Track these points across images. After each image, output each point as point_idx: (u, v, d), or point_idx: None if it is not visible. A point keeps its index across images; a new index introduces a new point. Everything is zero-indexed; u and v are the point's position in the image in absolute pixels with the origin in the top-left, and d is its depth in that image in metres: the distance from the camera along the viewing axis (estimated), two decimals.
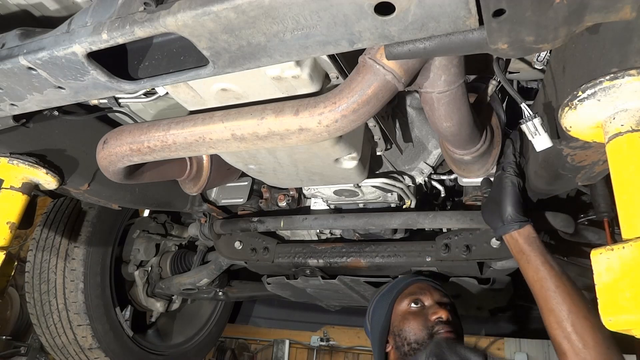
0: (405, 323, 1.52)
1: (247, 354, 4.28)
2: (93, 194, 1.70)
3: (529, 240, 1.28)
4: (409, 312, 1.54)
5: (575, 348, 1.13)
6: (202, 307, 3.24)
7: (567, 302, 1.16)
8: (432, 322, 1.49)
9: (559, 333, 1.16)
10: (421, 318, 1.51)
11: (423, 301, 1.56)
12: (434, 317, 1.49)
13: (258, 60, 0.88)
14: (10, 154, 1.43)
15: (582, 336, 1.13)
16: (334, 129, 0.98)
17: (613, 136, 0.82)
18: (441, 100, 1.05)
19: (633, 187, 0.78)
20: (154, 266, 2.68)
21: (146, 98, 1.47)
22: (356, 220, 1.78)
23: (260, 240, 2.06)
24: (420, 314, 1.53)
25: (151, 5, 0.82)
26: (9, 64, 0.98)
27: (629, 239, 0.75)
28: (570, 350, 1.14)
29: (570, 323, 1.14)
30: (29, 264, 2.35)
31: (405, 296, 1.59)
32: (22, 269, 2.51)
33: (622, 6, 0.70)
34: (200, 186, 1.66)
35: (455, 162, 1.44)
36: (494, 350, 3.62)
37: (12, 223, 1.41)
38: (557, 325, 1.16)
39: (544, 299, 1.20)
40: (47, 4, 1.14)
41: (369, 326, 1.67)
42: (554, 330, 1.17)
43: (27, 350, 3.83)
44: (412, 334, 1.48)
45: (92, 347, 2.33)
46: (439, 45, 0.82)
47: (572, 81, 0.91)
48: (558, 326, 1.16)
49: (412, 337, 1.48)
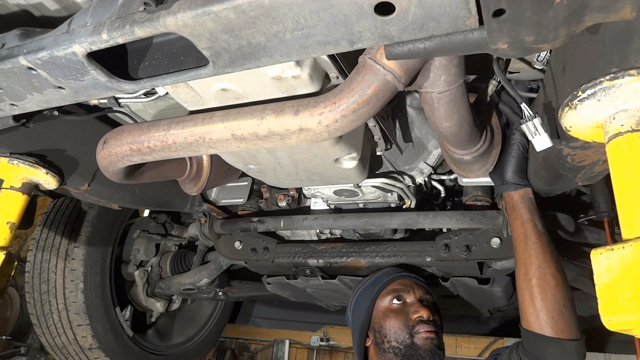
0: (386, 320, 1.55)
1: (247, 354, 4.28)
2: (93, 194, 1.70)
3: (523, 199, 1.34)
4: (390, 310, 1.57)
5: (535, 300, 1.20)
6: (202, 307, 3.24)
7: (540, 258, 1.23)
8: (413, 320, 1.52)
9: (524, 285, 1.23)
10: (402, 316, 1.54)
11: (405, 298, 1.59)
12: (415, 316, 1.52)
13: (258, 60, 0.87)
14: (10, 154, 1.43)
15: (543, 290, 1.19)
16: (334, 129, 0.98)
17: (613, 136, 0.82)
18: (441, 100, 1.05)
19: (633, 187, 0.78)
20: (154, 266, 2.68)
21: (146, 98, 1.47)
22: (356, 220, 1.78)
23: (260, 240, 2.06)
24: (402, 312, 1.55)
25: (151, 5, 0.82)
26: (9, 64, 0.98)
27: (629, 239, 0.75)
28: (529, 301, 1.21)
29: (537, 277, 1.21)
30: (29, 264, 2.35)
31: (387, 292, 1.61)
32: (22, 269, 2.51)
33: (622, 6, 0.70)
34: (200, 186, 1.66)
35: (455, 162, 1.44)
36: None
37: (12, 223, 1.41)
38: (524, 277, 1.23)
39: (520, 252, 1.27)
40: (47, 4, 1.14)
41: (350, 318, 1.69)
42: (521, 281, 1.24)
43: (27, 350, 3.84)
44: (393, 332, 1.51)
45: (92, 347, 2.33)
46: (439, 45, 0.81)
47: (572, 81, 0.91)
48: (524, 278, 1.23)
49: (392, 335, 1.51)
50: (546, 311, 1.17)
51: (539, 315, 1.18)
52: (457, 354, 3.65)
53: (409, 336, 1.49)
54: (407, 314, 1.54)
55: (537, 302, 1.19)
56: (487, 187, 1.73)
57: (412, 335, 1.49)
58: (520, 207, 1.33)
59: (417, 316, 1.52)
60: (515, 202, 1.35)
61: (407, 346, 1.48)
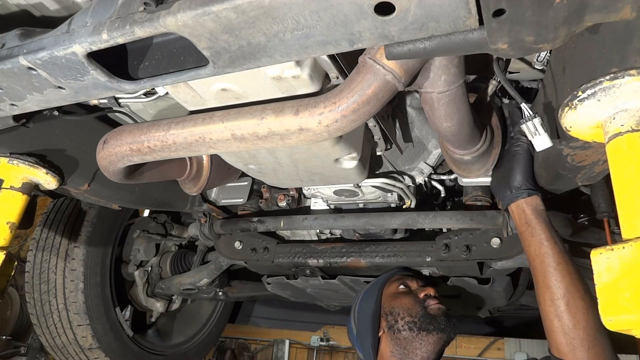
0: (397, 301, 1.60)
1: (247, 354, 4.28)
2: (93, 194, 1.70)
3: (536, 212, 1.23)
4: (398, 292, 1.64)
5: (565, 327, 1.11)
6: (202, 307, 3.24)
7: (566, 280, 1.13)
8: (422, 297, 1.59)
9: (552, 310, 1.14)
10: (411, 295, 1.62)
11: (409, 285, 1.67)
12: (422, 294, 1.60)
13: (258, 60, 0.87)
14: (10, 154, 1.43)
15: (575, 316, 1.10)
16: (334, 129, 0.98)
17: (613, 136, 0.82)
18: (441, 100, 1.05)
19: (633, 187, 0.78)
20: (154, 266, 2.67)
21: (146, 98, 1.47)
22: (356, 220, 1.78)
23: (260, 240, 2.06)
24: (410, 293, 1.63)
25: (151, 5, 0.82)
26: (9, 64, 0.98)
27: (629, 239, 0.75)
28: (559, 329, 1.12)
29: (565, 302, 1.12)
30: (29, 264, 2.35)
31: (392, 282, 1.69)
32: (22, 269, 2.51)
33: (622, 6, 0.70)
34: (200, 186, 1.66)
35: (455, 162, 1.44)
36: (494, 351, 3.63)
37: (12, 223, 1.41)
38: (551, 303, 1.14)
39: (543, 275, 1.17)
40: (47, 4, 1.14)
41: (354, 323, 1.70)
42: (547, 307, 1.15)
43: (27, 350, 3.84)
44: (405, 308, 1.56)
45: (92, 347, 2.33)
46: (439, 45, 0.82)
47: (572, 81, 0.91)
48: (552, 303, 1.14)
49: (405, 312, 1.55)
50: (580, 340, 1.09)
51: (573, 344, 1.10)
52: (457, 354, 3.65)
53: (422, 308, 1.55)
54: (415, 294, 1.62)
55: (569, 330, 1.10)
56: (487, 187, 1.73)
57: (424, 306, 1.55)
58: (536, 224, 1.21)
59: (424, 294, 1.60)
60: (528, 216, 1.23)
61: (421, 317, 1.52)
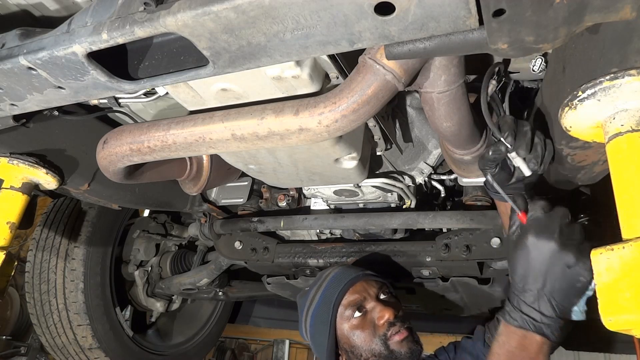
0: (355, 338, 1.46)
1: (247, 354, 4.28)
2: (93, 194, 1.70)
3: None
4: (354, 326, 1.47)
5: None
6: (202, 307, 3.24)
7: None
8: (381, 328, 1.44)
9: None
10: (369, 327, 1.45)
11: (364, 306, 1.49)
12: (381, 322, 1.44)
13: (258, 60, 0.87)
14: (10, 154, 1.43)
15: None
16: (334, 129, 0.98)
17: (613, 136, 0.82)
18: (441, 100, 1.05)
19: (633, 187, 0.78)
20: (154, 266, 2.68)
21: (146, 98, 1.47)
22: (356, 220, 1.78)
23: (260, 240, 2.06)
24: (367, 323, 1.46)
25: (151, 5, 0.82)
26: (9, 64, 0.98)
27: (629, 239, 0.75)
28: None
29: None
30: (29, 264, 2.35)
31: (344, 308, 1.49)
32: (22, 269, 2.51)
33: (622, 6, 0.70)
34: (200, 186, 1.66)
35: (455, 162, 1.44)
36: None
37: (12, 223, 1.41)
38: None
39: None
40: (47, 4, 1.14)
41: (310, 341, 1.58)
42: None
43: (27, 350, 3.84)
44: (366, 347, 1.43)
45: (92, 347, 2.33)
46: (439, 45, 0.81)
47: (572, 81, 0.91)
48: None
49: (367, 351, 1.43)
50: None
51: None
52: None
53: (384, 346, 1.41)
54: (372, 323, 1.45)
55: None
56: None
57: (386, 344, 1.42)
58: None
59: (383, 321, 1.44)
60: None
61: (385, 357, 1.41)
